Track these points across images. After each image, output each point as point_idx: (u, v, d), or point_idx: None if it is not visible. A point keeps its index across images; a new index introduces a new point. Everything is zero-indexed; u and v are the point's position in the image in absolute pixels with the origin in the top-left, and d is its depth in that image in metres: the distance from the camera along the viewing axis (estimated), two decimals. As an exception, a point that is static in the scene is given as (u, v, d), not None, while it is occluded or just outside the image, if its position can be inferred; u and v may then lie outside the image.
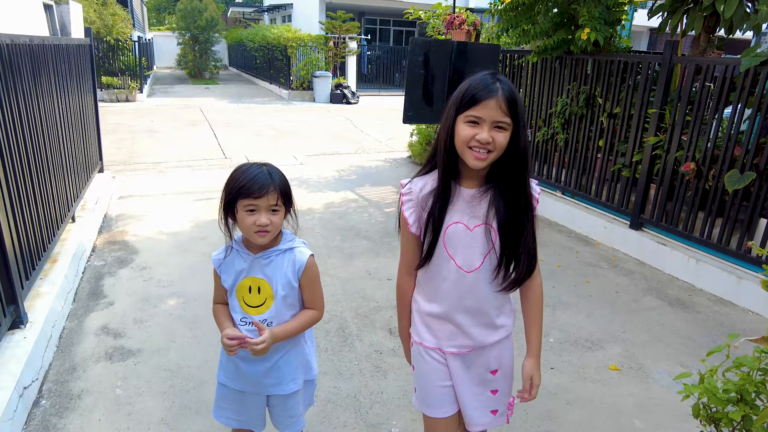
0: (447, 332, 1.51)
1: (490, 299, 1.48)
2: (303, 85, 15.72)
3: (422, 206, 1.43)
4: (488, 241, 1.42)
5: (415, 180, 1.49)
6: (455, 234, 1.42)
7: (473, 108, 1.29)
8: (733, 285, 3.70)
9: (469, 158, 1.33)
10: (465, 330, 1.50)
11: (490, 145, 1.30)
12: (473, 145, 1.31)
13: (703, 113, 3.92)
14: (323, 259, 4.22)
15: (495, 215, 1.40)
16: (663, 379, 2.82)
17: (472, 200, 1.42)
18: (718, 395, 1.53)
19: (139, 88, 14.03)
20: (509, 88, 1.30)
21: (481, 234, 1.42)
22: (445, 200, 1.41)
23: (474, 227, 1.42)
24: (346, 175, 7.00)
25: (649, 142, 4.29)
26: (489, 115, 1.28)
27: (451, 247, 1.43)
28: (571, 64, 5.10)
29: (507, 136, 1.31)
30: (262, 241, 1.54)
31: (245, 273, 1.60)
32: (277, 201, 1.53)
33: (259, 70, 20.25)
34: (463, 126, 1.32)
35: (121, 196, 5.63)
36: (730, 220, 3.77)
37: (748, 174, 3.58)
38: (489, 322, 1.51)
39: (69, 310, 3.27)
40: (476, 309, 1.48)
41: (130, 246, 4.32)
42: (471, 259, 1.43)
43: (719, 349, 1.57)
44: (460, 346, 1.52)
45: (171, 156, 7.65)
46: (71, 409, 2.43)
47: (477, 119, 1.29)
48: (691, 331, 3.33)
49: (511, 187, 1.39)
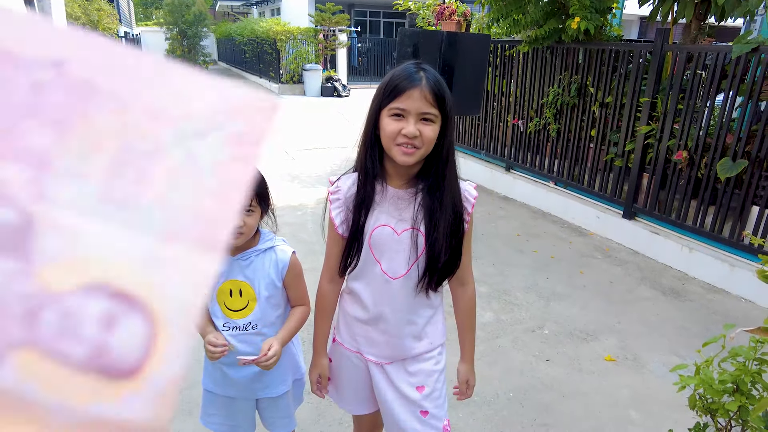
0: (368, 339, 1.43)
1: (415, 308, 1.40)
2: (293, 78, 15.60)
3: (349, 206, 1.34)
4: (415, 247, 1.32)
5: (343, 178, 1.39)
6: (381, 237, 1.33)
7: (397, 99, 1.21)
8: (726, 273, 3.71)
9: (397, 154, 1.23)
10: (387, 338, 1.41)
11: (418, 140, 1.21)
12: (400, 141, 1.21)
13: (695, 101, 3.91)
14: (316, 256, 4.18)
15: (423, 219, 1.30)
16: (658, 370, 2.82)
17: (399, 201, 1.32)
18: (714, 386, 1.52)
19: (127, 84, 13.86)
20: (435, 78, 1.23)
21: (407, 239, 1.33)
22: (369, 201, 1.31)
23: (402, 231, 1.33)
24: (338, 170, 6.91)
25: (641, 131, 4.28)
26: (414, 106, 1.20)
27: (377, 251, 1.35)
28: (563, 53, 5.07)
29: (435, 129, 1.23)
30: (236, 243, 1.49)
31: (224, 276, 1.54)
32: (251, 202, 1.48)
33: (248, 65, 20.07)
34: (388, 120, 1.23)
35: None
36: (722, 208, 3.77)
37: (740, 162, 3.57)
38: (413, 333, 1.42)
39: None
40: (400, 318, 1.39)
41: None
42: (397, 266, 1.35)
43: (715, 340, 1.56)
44: (379, 356, 1.44)
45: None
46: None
47: (401, 111, 1.21)
48: (685, 321, 3.33)
49: (440, 188, 1.29)
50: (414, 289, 1.37)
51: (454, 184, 1.31)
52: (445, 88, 1.24)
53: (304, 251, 4.29)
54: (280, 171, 6.72)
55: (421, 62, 1.26)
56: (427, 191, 1.30)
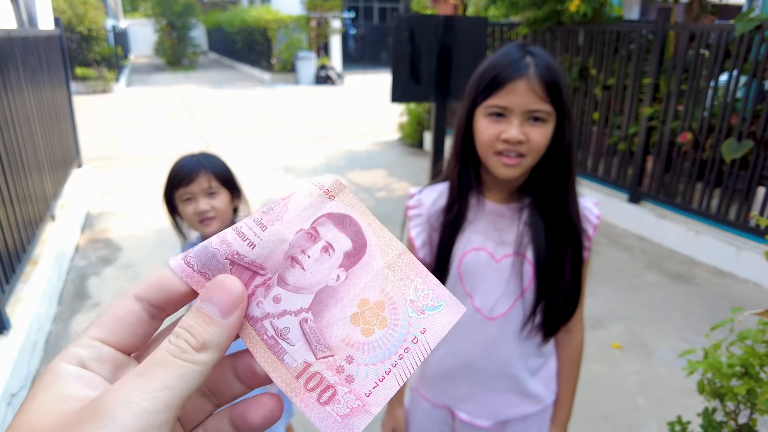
0: (458, 393, 1.15)
1: (518, 357, 1.10)
2: (286, 67, 15.39)
3: (433, 225, 1.09)
4: (519, 278, 1.05)
5: (426, 190, 1.14)
6: (474, 264, 1.06)
7: (495, 95, 0.94)
8: (733, 256, 3.66)
9: (496, 166, 0.98)
10: (481, 393, 1.13)
11: (523, 146, 0.95)
12: (500, 148, 0.96)
13: (699, 82, 3.83)
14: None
15: (531, 243, 1.03)
16: (666, 356, 2.77)
17: (499, 220, 1.06)
18: (723, 370, 1.49)
19: (116, 78, 13.65)
20: (546, 63, 0.95)
21: (509, 268, 1.05)
22: (461, 218, 1.05)
23: (501, 257, 1.05)
24: (334, 161, 6.85)
25: (645, 114, 4.20)
26: (518, 103, 0.93)
27: (468, 281, 1.07)
28: (563, 35, 4.97)
29: (547, 131, 0.96)
30: (209, 230, 1.41)
31: None
32: (210, 183, 1.41)
33: (239, 55, 19.81)
34: (484, 122, 0.97)
35: (103, 192, 5.45)
36: (728, 190, 3.71)
37: (745, 142, 3.50)
38: (517, 388, 1.13)
39: (54, 313, 3.14)
40: (499, 369, 1.11)
41: (114, 244, 4.18)
42: (494, 302, 1.07)
43: (723, 324, 1.52)
44: (474, 414, 1.14)
45: (152, 148, 7.43)
46: (60, 419, 2.33)
47: (502, 110, 0.95)
48: (692, 305, 3.29)
49: (553, 203, 1.02)
50: (516, 333, 1.09)
51: (573, 200, 1.04)
52: (560, 75, 0.96)
53: (304, 244, 4.22)
54: (273, 163, 6.62)
55: (527, 44, 0.99)
56: (536, 207, 1.03)
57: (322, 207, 0.32)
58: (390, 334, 0.31)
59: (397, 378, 0.30)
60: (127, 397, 0.24)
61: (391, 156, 7.12)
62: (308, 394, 0.29)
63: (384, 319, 0.31)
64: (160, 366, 0.25)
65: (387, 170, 6.37)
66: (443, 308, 0.31)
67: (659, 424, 2.29)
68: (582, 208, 1.08)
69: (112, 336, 0.28)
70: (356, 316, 0.30)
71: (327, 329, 0.30)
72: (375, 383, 0.30)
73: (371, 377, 0.30)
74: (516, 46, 0.98)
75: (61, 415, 0.24)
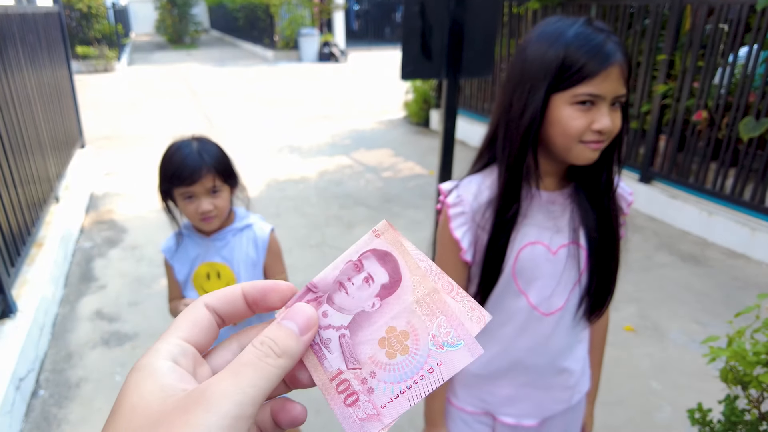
0: (503, 397, 1.09)
1: (568, 348, 1.08)
2: (288, 44, 15.16)
3: (480, 222, 1.00)
4: (576, 268, 1.01)
5: (464, 183, 1.04)
6: (532, 260, 1.00)
7: (587, 82, 0.87)
8: (747, 237, 3.60)
9: (582, 153, 0.92)
10: (533, 393, 1.08)
11: (609, 132, 0.92)
12: (591, 138, 0.91)
13: (716, 58, 3.71)
14: (321, 229, 4.07)
15: (583, 229, 0.99)
16: (679, 339, 2.74)
17: (552, 208, 1.00)
18: (748, 358, 1.45)
19: (118, 57, 13.48)
20: (622, 45, 0.91)
21: (564, 258, 1.00)
22: (516, 211, 0.98)
23: (558, 248, 1.00)
24: (339, 140, 6.77)
25: (659, 91, 4.09)
26: (611, 89, 0.88)
27: (522, 279, 1.01)
28: (574, 10, 4.82)
29: (620, 114, 0.94)
30: (210, 228, 1.39)
31: (200, 259, 1.44)
32: (215, 182, 1.35)
33: (241, 32, 19.52)
34: (571, 111, 0.90)
35: (107, 173, 5.40)
36: (744, 169, 3.62)
37: (764, 120, 3.40)
38: (564, 381, 1.10)
39: (60, 295, 3.13)
40: (549, 364, 1.06)
41: (119, 225, 4.15)
42: (550, 296, 1.02)
43: (749, 310, 1.48)
44: (521, 416, 1.09)
45: (155, 127, 7.36)
46: (71, 399, 2.33)
47: (594, 98, 0.89)
48: (704, 287, 3.24)
49: (598, 187, 0.98)
50: (571, 326, 1.05)
51: (613, 180, 1.02)
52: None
53: (309, 225, 4.18)
54: (278, 143, 6.54)
55: (593, 19, 0.91)
56: (584, 191, 1.00)
57: (370, 243, 0.37)
58: (409, 360, 0.35)
59: (409, 399, 0.35)
60: (227, 391, 0.29)
61: (396, 135, 7.03)
62: (337, 395, 0.35)
63: (406, 347, 0.35)
64: (249, 366, 0.30)
65: (393, 150, 6.29)
66: (461, 347, 0.35)
67: (673, 408, 2.26)
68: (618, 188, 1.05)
69: (191, 337, 0.33)
70: (383, 340, 0.36)
71: (359, 346, 0.36)
72: (390, 399, 0.35)
73: (387, 393, 0.35)
74: (590, 26, 0.89)
75: (166, 401, 0.29)
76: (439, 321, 0.35)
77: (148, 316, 2.95)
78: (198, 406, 0.28)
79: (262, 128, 7.30)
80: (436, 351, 0.35)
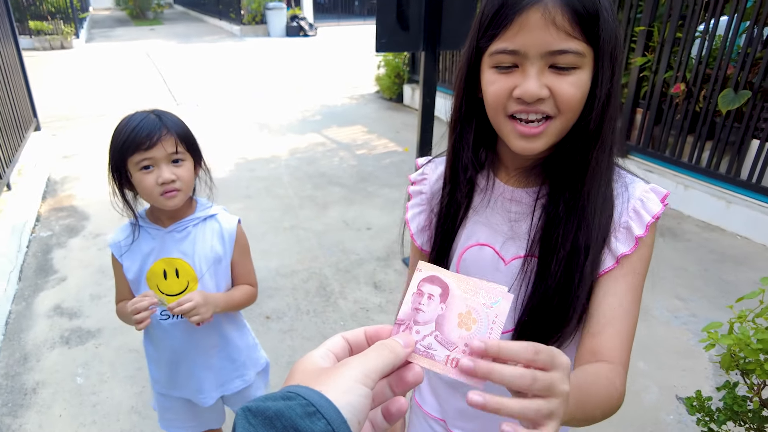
0: (456, 409, 0.97)
1: None
2: (255, 19, 14.61)
3: (434, 208, 0.87)
4: (527, 287, 0.79)
5: (437, 160, 0.90)
6: (477, 264, 0.83)
7: (502, 35, 0.67)
8: (722, 210, 3.60)
9: (510, 135, 0.72)
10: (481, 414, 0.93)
11: (547, 104, 0.68)
12: (514, 109, 0.69)
13: (695, 29, 3.64)
14: (295, 211, 3.92)
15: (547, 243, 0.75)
16: (662, 316, 2.72)
17: (513, 207, 0.80)
18: (753, 345, 1.40)
19: (75, 33, 12.75)
20: None
21: (516, 271, 0.79)
22: (455, 204, 0.82)
23: (511, 259, 0.80)
24: (310, 116, 6.54)
25: (636, 63, 4.02)
26: (533, 42, 0.65)
27: None
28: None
29: (582, 79, 0.67)
30: (173, 203, 1.19)
31: (155, 255, 1.26)
32: (177, 147, 1.17)
33: (207, 7, 18.75)
34: (491, 74, 0.70)
35: (65, 156, 5.09)
36: (720, 142, 3.60)
37: (742, 93, 3.37)
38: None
39: (14, 291, 2.92)
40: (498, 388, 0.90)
41: (80, 211, 3.91)
42: None
43: (753, 295, 1.44)
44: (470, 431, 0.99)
45: (116, 106, 6.98)
46: (26, 406, 2.16)
47: (513, 56, 0.67)
48: (683, 261, 3.23)
49: (576, 185, 0.73)
50: None
51: (605, 179, 0.75)
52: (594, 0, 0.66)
53: (282, 207, 4.02)
54: (247, 121, 6.28)
55: None
56: (558, 191, 0.75)
57: (419, 277, 0.54)
58: (480, 325, 0.51)
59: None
60: (360, 360, 0.45)
61: (368, 110, 6.84)
62: (450, 369, 0.50)
63: (474, 319, 0.51)
64: (372, 351, 0.47)
65: (365, 126, 6.11)
66: (501, 301, 0.51)
67: (660, 388, 2.23)
68: (629, 194, 0.79)
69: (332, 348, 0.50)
70: (460, 323, 0.51)
71: (448, 335, 0.51)
72: None
73: None
74: None
75: (316, 369, 0.45)
76: (481, 294, 0.52)
77: (112, 309, 2.75)
78: (343, 366, 0.44)
79: (229, 106, 7.01)
80: (488, 310, 0.51)
